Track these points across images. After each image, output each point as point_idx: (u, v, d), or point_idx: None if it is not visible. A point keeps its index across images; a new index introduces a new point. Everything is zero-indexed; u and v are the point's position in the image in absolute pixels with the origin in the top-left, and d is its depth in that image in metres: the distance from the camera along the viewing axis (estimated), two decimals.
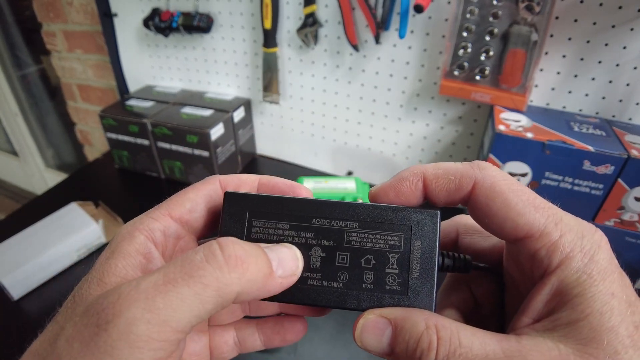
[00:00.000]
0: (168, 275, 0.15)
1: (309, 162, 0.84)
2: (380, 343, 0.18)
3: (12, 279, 0.53)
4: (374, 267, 0.19)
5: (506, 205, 0.17)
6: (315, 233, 0.20)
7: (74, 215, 0.63)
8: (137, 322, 0.14)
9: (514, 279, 0.19)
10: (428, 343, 0.16)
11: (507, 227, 0.17)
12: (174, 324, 0.14)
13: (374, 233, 0.19)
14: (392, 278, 0.19)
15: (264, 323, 0.23)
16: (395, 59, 0.64)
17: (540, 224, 0.16)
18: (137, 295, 0.14)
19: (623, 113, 0.54)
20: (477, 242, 0.22)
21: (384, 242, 0.19)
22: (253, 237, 0.20)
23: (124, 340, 0.13)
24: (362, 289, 0.19)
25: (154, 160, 0.78)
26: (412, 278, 0.19)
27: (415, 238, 0.19)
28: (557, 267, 0.16)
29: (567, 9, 0.50)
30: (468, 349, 0.15)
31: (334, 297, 0.19)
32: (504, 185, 0.17)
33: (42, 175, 1.59)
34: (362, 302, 0.19)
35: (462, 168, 0.18)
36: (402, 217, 0.19)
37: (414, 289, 0.19)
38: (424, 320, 0.17)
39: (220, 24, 0.75)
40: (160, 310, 0.14)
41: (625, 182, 0.48)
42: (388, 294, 0.19)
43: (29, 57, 1.35)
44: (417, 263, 0.19)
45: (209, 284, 0.15)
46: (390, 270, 0.19)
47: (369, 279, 0.19)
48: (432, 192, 0.19)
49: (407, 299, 0.19)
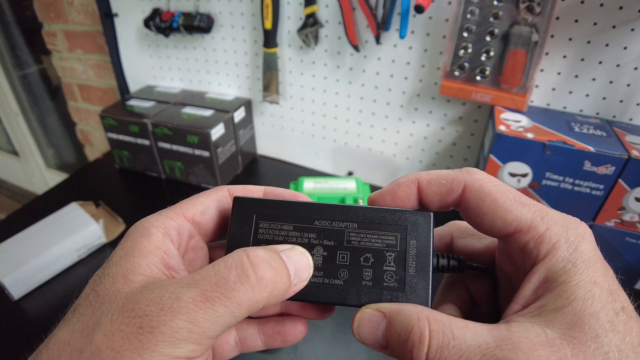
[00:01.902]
0: (205, 293, 0.17)
1: (309, 162, 0.84)
2: (376, 336, 0.19)
3: (12, 279, 0.53)
4: (373, 265, 0.20)
5: (495, 204, 0.18)
6: (317, 233, 0.21)
7: (74, 215, 0.64)
8: (180, 331, 0.16)
9: (507, 275, 0.20)
10: (419, 335, 0.17)
11: (498, 224, 0.18)
12: (210, 334, 0.17)
13: (372, 233, 0.21)
14: (390, 275, 0.20)
15: (265, 323, 0.23)
16: (395, 59, 0.64)
17: (527, 218, 0.18)
18: (179, 309, 0.16)
19: (624, 113, 0.54)
20: (471, 244, 0.23)
21: (382, 241, 0.20)
22: (259, 238, 0.21)
23: (168, 342, 0.16)
24: (361, 286, 0.20)
25: (154, 160, 0.78)
26: (409, 275, 0.20)
27: (410, 237, 0.20)
28: (545, 257, 0.17)
29: (568, 9, 0.50)
30: (461, 340, 0.16)
31: (334, 294, 0.20)
32: (492, 186, 0.19)
33: (42, 175, 1.59)
34: (361, 298, 0.20)
35: (453, 173, 0.20)
36: (398, 218, 0.21)
37: (410, 286, 0.20)
38: (417, 314, 0.18)
39: (220, 24, 0.75)
40: (201, 323, 0.16)
41: (626, 183, 0.48)
42: (386, 291, 0.20)
43: (29, 57, 1.35)
44: (413, 261, 0.20)
45: (242, 304, 0.17)
46: (387, 267, 0.20)
47: (368, 276, 0.20)
48: (426, 196, 0.20)
49: (404, 295, 0.20)
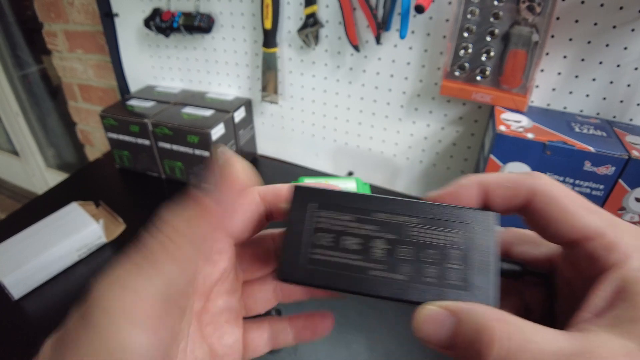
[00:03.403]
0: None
1: (309, 162, 0.84)
2: (440, 335, 0.18)
3: (12, 279, 0.53)
4: (435, 261, 0.19)
5: (562, 210, 0.18)
6: (378, 226, 0.20)
7: (74, 215, 0.64)
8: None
9: (570, 282, 0.20)
10: (491, 336, 0.16)
11: (564, 231, 0.18)
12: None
13: (435, 229, 0.20)
14: (453, 273, 0.19)
15: (296, 319, 0.24)
16: (396, 59, 0.64)
17: (596, 225, 0.17)
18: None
19: (624, 114, 0.54)
20: (528, 251, 0.22)
21: (445, 238, 0.20)
22: (318, 227, 0.21)
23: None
24: (423, 282, 0.19)
25: (154, 160, 0.78)
26: (473, 274, 0.19)
27: (475, 236, 0.20)
28: (617, 265, 0.16)
29: (568, 9, 0.50)
30: (535, 345, 0.15)
31: (395, 289, 0.19)
32: (560, 191, 0.18)
33: (42, 175, 1.59)
34: (423, 294, 0.19)
35: (518, 177, 0.19)
36: (462, 216, 0.20)
37: (475, 285, 0.19)
38: (487, 314, 0.17)
39: (221, 24, 0.75)
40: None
41: (626, 183, 0.48)
42: (449, 289, 0.19)
43: (30, 57, 1.35)
44: (478, 260, 0.19)
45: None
46: (451, 265, 0.19)
47: (430, 273, 0.19)
48: (490, 200, 0.20)
49: (469, 295, 0.19)
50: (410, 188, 0.75)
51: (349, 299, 0.54)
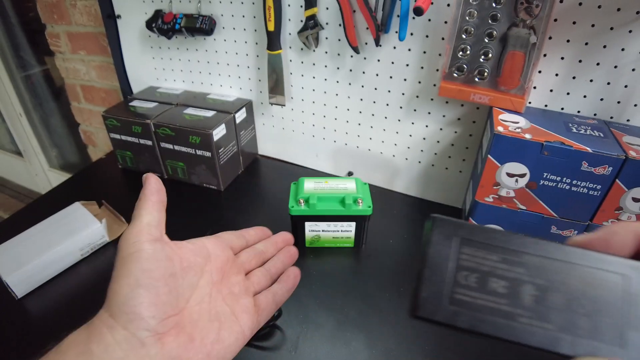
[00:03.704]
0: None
1: (309, 162, 0.85)
2: None
3: (15, 278, 0.54)
4: (589, 313, 0.18)
5: None
6: (528, 270, 0.19)
7: (77, 214, 0.64)
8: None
9: None
10: None
11: None
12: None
13: (589, 278, 0.19)
14: (608, 328, 0.18)
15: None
16: (395, 61, 0.64)
17: None
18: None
19: (621, 114, 0.55)
20: None
21: (600, 289, 0.19)
22: (461, 265, 0.19)
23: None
24: (575, 335, 0.18)
25: (157, 160, 0.79)
26: (630, 331, 0.18)
27: (632, 290, 0.18)
28: None
29: (566, 11, 0.51)
30: None
31: (544, 339, 0.18)
32: None
33: (46, 175, 1.60)
34: (575, 348, 0.18)
35: None
36: (620, 267, 0.18)
37: (632, 343, 0.18)
38: None
39: (222, 26, 0.76)
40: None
41: (623, 183, 0.48)
42: (603, 344, 0.18)
43: (33, 58, 1.36)
44: (635, 316, 0.18)
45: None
46: (606, 319, 0.18)
47: (584, 324, 0.18)
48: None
49: (624, 353, 0.17)
50: (409, 188, 0.76)
51: (348, 299, 0.55)
